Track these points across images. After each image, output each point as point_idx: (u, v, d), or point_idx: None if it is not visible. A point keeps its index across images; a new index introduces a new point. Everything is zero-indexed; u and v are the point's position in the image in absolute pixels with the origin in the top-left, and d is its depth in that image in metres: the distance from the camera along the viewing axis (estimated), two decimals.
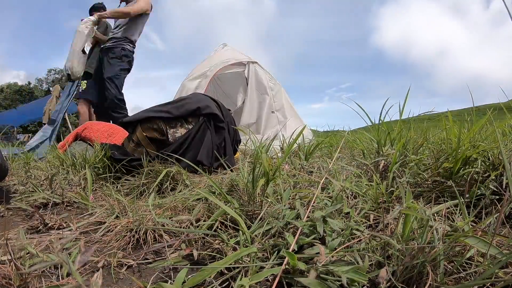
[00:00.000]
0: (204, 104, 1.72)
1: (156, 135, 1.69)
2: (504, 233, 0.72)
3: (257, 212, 0.78)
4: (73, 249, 0.70)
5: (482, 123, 1.01)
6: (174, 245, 0.73)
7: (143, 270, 0.65)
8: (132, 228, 0.78)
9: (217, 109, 1.79)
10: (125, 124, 1.77)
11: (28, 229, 0.90)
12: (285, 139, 2.20)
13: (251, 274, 0.53)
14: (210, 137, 1.68)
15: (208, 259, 0.67)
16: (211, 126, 1.75)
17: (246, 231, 0.65)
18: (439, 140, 1.30)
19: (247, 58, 4.31)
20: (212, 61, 4.20)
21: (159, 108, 1.70)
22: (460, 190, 0.83)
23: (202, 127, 1.71)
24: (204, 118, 1.72)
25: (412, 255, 0.51)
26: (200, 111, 1.70)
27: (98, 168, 1.53)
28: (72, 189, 1.29)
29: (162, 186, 1.22)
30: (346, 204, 0.71)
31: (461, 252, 0.53)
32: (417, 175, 0.98)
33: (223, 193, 0.81)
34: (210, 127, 1.74)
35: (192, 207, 0.94)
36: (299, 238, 0.60)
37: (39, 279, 0.59)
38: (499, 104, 1.16)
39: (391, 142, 1.15)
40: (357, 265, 0.50)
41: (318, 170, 1.15)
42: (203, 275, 0.51)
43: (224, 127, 1.79)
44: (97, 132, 2.26)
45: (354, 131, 2.11)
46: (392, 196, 0.85)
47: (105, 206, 0.99)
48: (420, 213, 0.56)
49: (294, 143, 1.21)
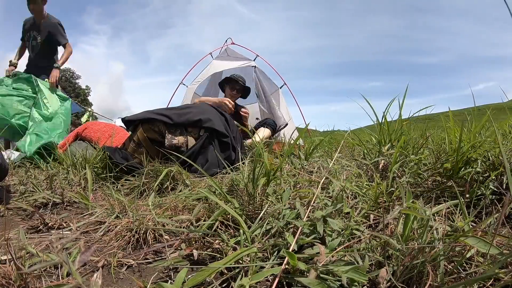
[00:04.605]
0: (206, 117, 1.70)
1: (156, 136, 1.69)
2: (504, 233, 0.72)
3: (257, 212, 0.78)
4: (73, 249, 0.70)
5: (482, 123, 1.01)
6: (174, 245, 0.73)
7: (143, 270, 0.65)
8: (132, 228, 0.78)
9: (221, 124, 1.76)
10: (127, 122, 1.77)
11: (28, 229, 0.90)
12: (285, 139, 2.20)
13: (251, 274, 0.53)
14: (214, 153, 1.66)
15: (208, 259, 0.67)
16: (215, 142, 1.73)
17: (246, 231, 0.65)
18: (439, 140, 1.30)
19: (248, 62, 4.39)
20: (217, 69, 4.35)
21: (162, 111, 1.70)
22: (460, 190, 0.83)
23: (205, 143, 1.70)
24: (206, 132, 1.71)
25: (412, 255, 0.51)
26: (201, 123, 1.68)
27: (98, 168, 1.53)
28: (72, 189, 1.29)
29: (162, 186, 1.22)
30: (346, 204, 0.71)
31: (461, 252, 0.53)
32: (417, 175, 0.98)
33: (223, 192, 0.81)
34: (214, 142, 1.72)
35: (192, 207, 0.94)
36: (299, 238, 0.60)
37: (39, 279, 0.59)
38: (499, 104, 1.17)
39: (392, 142, 1.15)
40: (357, 265, 0.50)
41: (318, 170, 1.15)
42: (203, 275, 0.51)
43: (228, 141, 1.75)
44: (98, 132, 2.27)
45: (353, 132, 2.11)
46: (392, 196, 0.85)
47: (105, 206, 0.99)
48: (420, 213, 0.56)
49: (296, 142, 1.22)
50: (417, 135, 1.36)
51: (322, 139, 1.66)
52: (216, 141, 1.74)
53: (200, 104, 2.00)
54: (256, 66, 4.45)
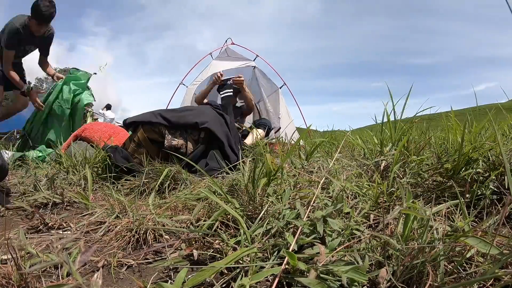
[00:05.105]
0: (204, 120, 1.71)
1: (157, 137, 1.70)
2: (504, 233, 0.72)
3: (258, 212, 0.78)
4: (73, 249, 0.70)
5: (483, 124, 1.01)
6: (174, 245, 0.73)
7: (143, 270, 0.65)
8: (132, 228, 0.78)
9: (219, 126, 1.77)
10: (128, 124, 1.78)
11: (28, 229, 0.90)
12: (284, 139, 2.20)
13: (251, 274, 0.53)
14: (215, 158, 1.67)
15: (208, 259, 0.67)
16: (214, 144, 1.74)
17: (246, 231, 0.65)
18: (439, 140, 1.30)
19: (248, 62, 4.40)
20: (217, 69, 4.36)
21: (163, 113, 1.71)
22: (460, 190, 0.83)
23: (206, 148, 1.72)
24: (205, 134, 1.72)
25: (412, 255, 0.51)
26: (198, 126, 1.70)
27: (98, 168, 1.53)
28: (72, 189, 1.29)
29: (162, 185, 1.22)
30: (346, 204, 0.71)
31: (461, 252, 0.53)
32: (417, 175, 0.98)
33: (223, 193, 0.81)
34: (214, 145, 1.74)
35: (192, 207, 0.94)
36: (299, 238, 0.60)
37: (39, 279, 0.59)
38: (499, 104, 1.17)
39: (393, 142, 1.15)
40: (357, 265, 0.50)
41: (318, 170, 1.15)
42: (203, 275, 0.51)
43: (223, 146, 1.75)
44: (98, 132, 2.27)
45: (354, 132, 2.11)
46: (393, 196, 0.85)
47: (105, 206, 0.99)
48: (420, 213, 0.56)
49: (298, 142, 1.22)
50: (418, 135, 1.36)
51: (323, 140, 1.66)
52: (216, 144, 1.74)
53: (200, 106, 2.01)
54: (256, 67, 4.46)
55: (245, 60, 4.53)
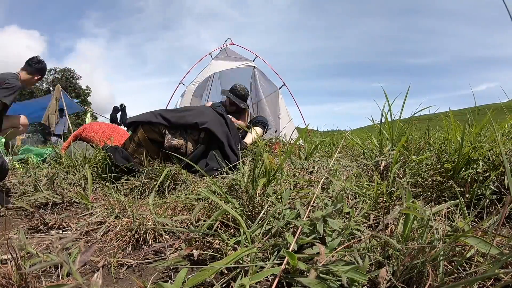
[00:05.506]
0: (204, 120, 1.72)
1: (157, 137, 1.71)
2: (504, 233, 0.72)
3: (258, 212, 0.78)
4: (73, 249, 0.70)
5: (483, 124, 1.01)
6: (174, 245, 0.73)
7: (143, 270, 0.65)
8: (132, 228, 0.78)
9: (219, 126, 1.77)
10: (128, 124, 1.79)
11: (28, 229, 0.90)
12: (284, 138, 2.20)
13: (251, 274, 0.53)
14: (215, 158, 1.67)
15: (208, 259, 0.67)
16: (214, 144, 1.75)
17: (246, 231, 0.65)
18: (439, 140, 1.30)
19: (247, 62, 4.40)
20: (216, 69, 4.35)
21: (163, 113, 1.71)
22: (460, 190, 0.83)
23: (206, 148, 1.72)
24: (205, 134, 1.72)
25: (412, 255, 0.51)
26: (198, 126, 1.70)
27: (98, 168, 1.53)
28: (72, 189, 1.29)
29: (162, 185, 1.22)
30: (346, 204, 0.71)
31: (461, 252, 0.53)
32: (417, 175, 0.98)
33: (223, 193, 0.81)
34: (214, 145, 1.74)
35: (192, 207, 0.94)
36: (299, 238, 0.60)
37: (39, 279, 0.59)
38: (499, 104, 1.16)
39: (393, 142, 1.15)
40: (357, 265, 0.50)
41: (318, 170, 1.15)
42: (203, 275, 0.51)
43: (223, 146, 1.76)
44: (98, 132, 2.27)
45: (353, 132, 2.11)
46: (393, 196, 0.85)
47: (105, 206, 0.99)
48: (420, 213, 0.56)
49: (297, 141, 1.22)
50: (417, 135, 1.36)
51: (323, 140, 1.66)
52: (216, 145, 1.74)
53: (199, 106, 2.01)
54: (255, 67, 4.46)
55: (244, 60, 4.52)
